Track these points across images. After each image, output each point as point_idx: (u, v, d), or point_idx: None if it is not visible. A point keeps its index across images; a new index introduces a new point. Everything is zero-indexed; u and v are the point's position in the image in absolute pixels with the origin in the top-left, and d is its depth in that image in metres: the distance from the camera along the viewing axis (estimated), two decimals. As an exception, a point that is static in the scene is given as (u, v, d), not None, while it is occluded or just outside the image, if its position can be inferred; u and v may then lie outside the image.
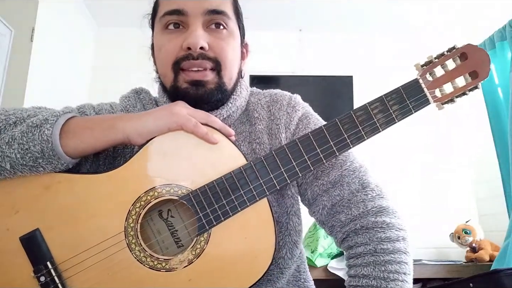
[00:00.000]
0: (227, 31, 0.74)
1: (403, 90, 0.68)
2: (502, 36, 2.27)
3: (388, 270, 0.65)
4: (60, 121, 0.62)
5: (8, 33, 1.81)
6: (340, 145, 0.67)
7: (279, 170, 0.65)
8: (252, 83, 2.67)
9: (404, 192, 2.54)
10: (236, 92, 0.78)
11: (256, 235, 0.64)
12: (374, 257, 0.67)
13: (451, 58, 0.70)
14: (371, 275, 0.66)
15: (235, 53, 0.76)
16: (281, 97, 0.81)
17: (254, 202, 0.64)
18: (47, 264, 0.59)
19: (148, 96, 0.83)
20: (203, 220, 0.63)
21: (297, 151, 0.66)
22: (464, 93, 0.70)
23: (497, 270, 1.65)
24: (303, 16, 2.71)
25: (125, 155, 0.75)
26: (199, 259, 0.62)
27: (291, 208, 0.77)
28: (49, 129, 0.60)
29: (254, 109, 0.79)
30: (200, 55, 0.70)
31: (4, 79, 1.78)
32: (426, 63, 0.70)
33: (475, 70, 0.69)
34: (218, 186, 0.63)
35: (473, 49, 0.70)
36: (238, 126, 0.79)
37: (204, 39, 0.70)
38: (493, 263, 1.98)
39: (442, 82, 0.69)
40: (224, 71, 0.73)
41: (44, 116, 0.62)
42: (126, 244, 0.61)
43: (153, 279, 0.60)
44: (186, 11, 0.71)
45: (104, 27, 2.81)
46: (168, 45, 0.72)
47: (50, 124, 0.61)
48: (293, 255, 0.77)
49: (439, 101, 0.70)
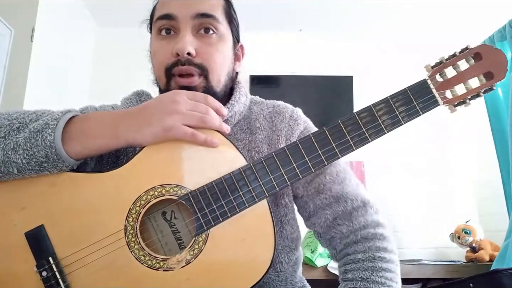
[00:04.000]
0: (216, 35, 0.76)
1: (410, 91, 0.67)
2: (502, 36, 2.27)
3: (385, 276, 0.70)
4: (60, 124, 0.63)
5: (8, 33, 1.81)
6: (343, 147, 0.66)
7: (279, 172, 0.65)
8: (252, 83, 2.67)
9: (404, 192, 2.55)
10: (234, 97, 0.80)
11: (254, 238, 0.63)
12: (373, 264, 0.71)
13: (463, 59, 0.68)
14: (369, 279, 0.69)
15: (225, 57, 0.78)
16: (284, 109, 0.83)
17: (253, 204, 0.64)
18: (49, 259, 0.60)
19: (149, 98, 0.83)
20: (201, 220, 0.63)
21: (298, 153, 0.65)
22: (478, 95, 0.68)
23: (497, 270, 1.65)
24: (303, 16, 2.72)
25: (127, 154, 0.76)
26: (196, 259, 0.62)
27: (285, 217, 0.78)
28: (50, 134, 0.61)
29: (256, 119, 0.81)
30: (187, 61, 0.73)
31: (4, 79, 1.78)
32: (436, 64, 0.69)
33: (490, 71, 0.67)
34: (217, 187, 0.63)
35: (488, 50, 0.67)
36: (238, 132, 0.80)
37: (191, 45, 0.73)
38: (493, 263, 1.98)
39: (454, 83, 0.67)
40: (211, 75, 0.75)
41: (44, 121, 0.63)
42: (126, 243, 0.62)
43: (150, 278, 0.61)
44: (175, 15, 0.74)
45: (104, 27, 2.82)
46: (161, 51, 0.75)
47: (51, 128, 0.62)
48: (290, 260, 0.78)
49: (450, 103, 0.68)
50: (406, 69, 2.85)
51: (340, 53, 2.85)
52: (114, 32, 2.79)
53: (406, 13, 2.65)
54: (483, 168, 2.59)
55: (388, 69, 2.74)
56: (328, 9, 2.63)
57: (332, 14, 2.69)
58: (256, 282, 0.61)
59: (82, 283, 0.60)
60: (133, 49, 2.69)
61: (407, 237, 2.50)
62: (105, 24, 2.80)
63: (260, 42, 2.77)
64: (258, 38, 2.75)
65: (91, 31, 2.78)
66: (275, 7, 2.59)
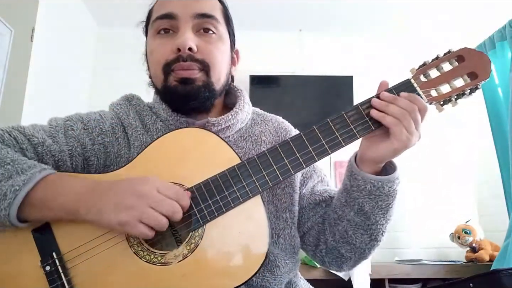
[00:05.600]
0: (216, 35, 0.77)
1: (395, 90, 0.70)
2: (502, 36, 2.27)
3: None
4: (19, 198, 0.60)
5: (8, 33, 1.81)
6: (332, 143, 0.68)
7: (272, 168, 0.67)
8: (252, 83, 2.66)
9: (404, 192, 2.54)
10: (238, 105, 0.82)
11: (249, 232, 0.65)
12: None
13: (447, 61, 0.71)
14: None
15: (224, 56, 0.79)
16: (288, 127, 0.88)
17: (248, 199, 0.66)
18: (52, 254, 0.62)
19: (141, 102, 0.83)
20: (197, 215, 0.65)
21: (289, 150, 0.68)
22: (464, 93, 0.71)
23: (497, 270, 1.65)
24: (303, 16, 2.72)
25: (118, 164, 0.76)
26: (193, 254, 0.63)
27: (283, 231, 0.78)
28: (6, 209, 0.59)
29: (262, 133, 0.83)
30: (188, 56, 0.73)
31: (4, 79, 1.78)
32: (420, 66, 0.72)
33: (474, 71, 0.70)
34: (213, 183, 0.66)
35: (470, 52, 0.71)
36: (238, 139, 0.81)
37: (193, 41, 0.73)
38: (493, 263, 1.99)
39: (438, 82, 0.71)
40: (212, 71, 0.76)
41: (3, 190, 0.60)
42: (125, 238, 0.64)
43: (148, 272, 0.62)
44: (176, 14, 0.74)
45: (104, 27, 2.82)
46: (159, 48, 0.76)
47: (8, 202, 0.59)
48: (286, 264, 0.77)
49: (436, 100, 0.71)
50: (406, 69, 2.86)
51: (340, 53, 2.85)
52: (114, 32, 2.79)
53: (406, 13, 2.65)
54: (483, 168, 2.59)
55: (388, 69, 2.74)
56: (328, 9, 2.63)
57: (332, 14, 2.69)
58: (252, 275, 0.62)
59: (82, 277, 0.62)
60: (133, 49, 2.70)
61: (407, 237, 2.50)
62: (105, 24, 2.80)
63: (260, 42, 2.77)
64: (258, 38, 2.76)
65: (91, 31, 2.78)
66: (275, 7, 2.59)
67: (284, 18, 2.73)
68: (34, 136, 0.70)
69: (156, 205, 0.59)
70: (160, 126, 0.78)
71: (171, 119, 0.78)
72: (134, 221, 0.58)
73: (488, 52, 2.39)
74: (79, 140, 0.74)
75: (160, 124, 0.78)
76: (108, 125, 0.77)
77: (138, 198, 0.60)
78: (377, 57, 2.82)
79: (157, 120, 0.79)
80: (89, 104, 2.66)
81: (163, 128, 0.78)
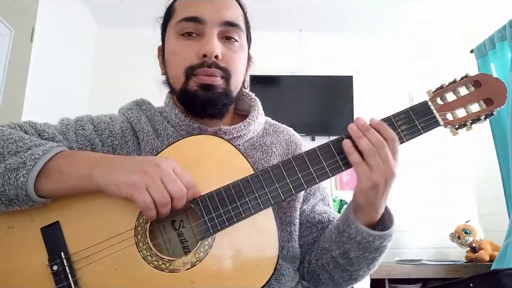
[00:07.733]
0: (239, 43, 0.78)
1: (412, 111, 0.70)
2: (502, 36, 2.28)
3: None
4: (38, 166, 0.61)
5: (8, 33, 1.81)
6: (346, 160, 0.67)
7: (285, 181, 0.67)
8: (252, 83, 2.66)
9: (404, 192, 2.55)
10: (252, 116, 0.82)
11: (259, 244, 0.64)
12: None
13: (463, 85, 0.72)
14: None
15: (243, 65, 0.81)
16: (298, 140, 0.87)
17: (259, 211, 0.65)
18: (60, 254, 0.62)
19: (151, 107, 0.83)
20: (208, 223, 0.64)
21: (303, 164, 0.67)
22: (479, 119, 0.71)
23: (497, 270, 1.65)
24: (303, 16, 2.72)
25: None
26: (201, 262, 0.62)
27: (287, 243, 0.78)
28: (24, 176, 0.60)
29: (273, 144, 0.83)
30: (213, 63, 0.73)
31: (4, 79, 1.78)
32: (437, 88, 0.72)
33: (489, 97, 0.70)
34: (225, 193, 0.65)
35: (487, 78, 0.71)
36: (248, 148, 0.81)
37: (219, 48, 0.74)
38: (493, 263, 1.99)
39: (454, 106, 0.71)
40: (233, 79, 0.76)
41: (22, 159, 0.61)
42: (135, 242, 0.63)
43: (156, 278, 0.62)
44: (204, 19, 0.74)
45: (104, 27, 2.82)
46: (184, 51, 0.75)
47: (26, 169, 0.61)
48: (290, 272, 0.77)
49: (451, 124, 0.71)
50: (406, 69, 2.86)
51: (340, 53, 2.85)
52: (114, 32, 2.79)
53: (406, 13, 2.65)
54: (483, 168, 2.59)
55: (388, 69, 2.74)
56: (328, 9, 2.63)
57: (332, 14, 2.69)
58: (260, 287, 0.62)
59: (89, 278, 0.62)
60: (133, 49, 2.71)
61: (407, 237, 2.50)
62: (105, 24, 2.80)
63: (260, 42, 2.76)
64: (258, 38, 2.75)
65: (91, 31, 2.78)
66: (275, 7, 2.59)
67: (284, 18, 2.73)
68: (45, 131, 0.71)
69: (167, 180, 0.60)
70: (171, 132, 0.78)
71: (183, 124, 0.77)
72: (142, 185, 0.59)
73: (488, 52, 2.39)
74: (90, 140, 0.74)
75: (171, 130, 0.78)
76: (118, 128, 0.77)
77: (155, 167, 0.60)
78: (377, 57, 2.82)
79: (168, 126, 0.78)
80: (89, 104, 2.66)
81: (174, 134, 0.78)
